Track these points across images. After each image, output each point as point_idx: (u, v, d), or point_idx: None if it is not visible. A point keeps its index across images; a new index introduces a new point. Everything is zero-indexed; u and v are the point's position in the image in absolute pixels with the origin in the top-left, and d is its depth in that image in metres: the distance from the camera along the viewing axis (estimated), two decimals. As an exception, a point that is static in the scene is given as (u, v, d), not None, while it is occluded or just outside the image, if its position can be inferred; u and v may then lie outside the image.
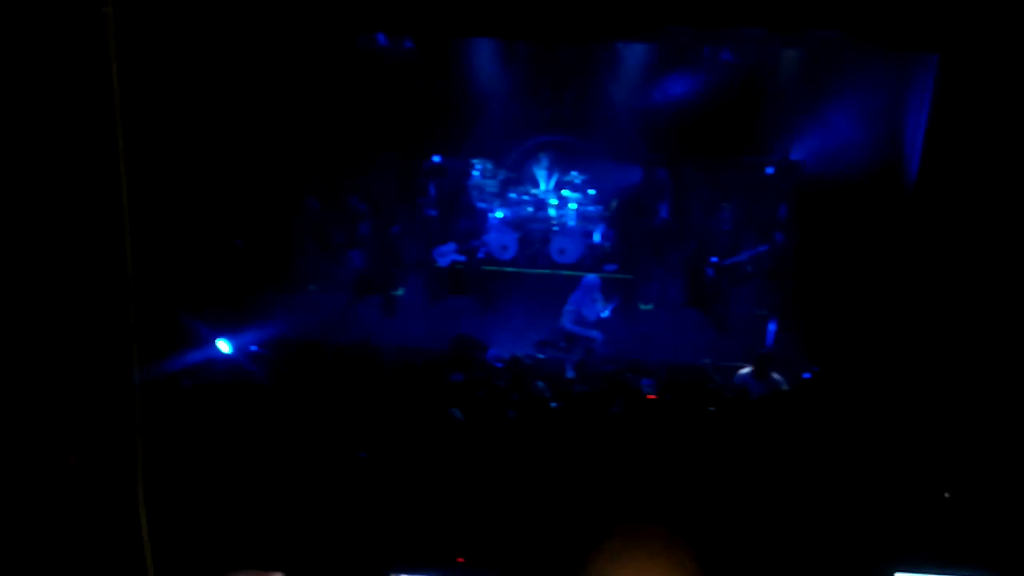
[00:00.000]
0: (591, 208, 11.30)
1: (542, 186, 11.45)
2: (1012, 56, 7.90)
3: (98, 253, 1.76)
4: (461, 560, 4.27)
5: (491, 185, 11.46)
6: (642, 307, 10.52)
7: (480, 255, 11.19)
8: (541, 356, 9.30)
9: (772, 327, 10.12)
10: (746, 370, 8.36)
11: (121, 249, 1.74)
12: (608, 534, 1.48)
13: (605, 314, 9.95)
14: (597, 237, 11.32)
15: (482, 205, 11.40)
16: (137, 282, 1.93)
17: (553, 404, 6.86)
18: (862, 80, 9.46)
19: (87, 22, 1.63)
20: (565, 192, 11.25)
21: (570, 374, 9.14)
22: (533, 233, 11.36)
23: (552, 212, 11.33)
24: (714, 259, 10.52)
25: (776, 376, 8.41)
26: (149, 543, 1.90)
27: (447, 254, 11.02)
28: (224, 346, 8.51)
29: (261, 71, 10.05)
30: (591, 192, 11.33)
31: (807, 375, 8.92)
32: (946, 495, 5.18)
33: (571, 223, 11.22)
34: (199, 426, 5.38)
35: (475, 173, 11.47)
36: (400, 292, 11.10)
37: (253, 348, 9.00)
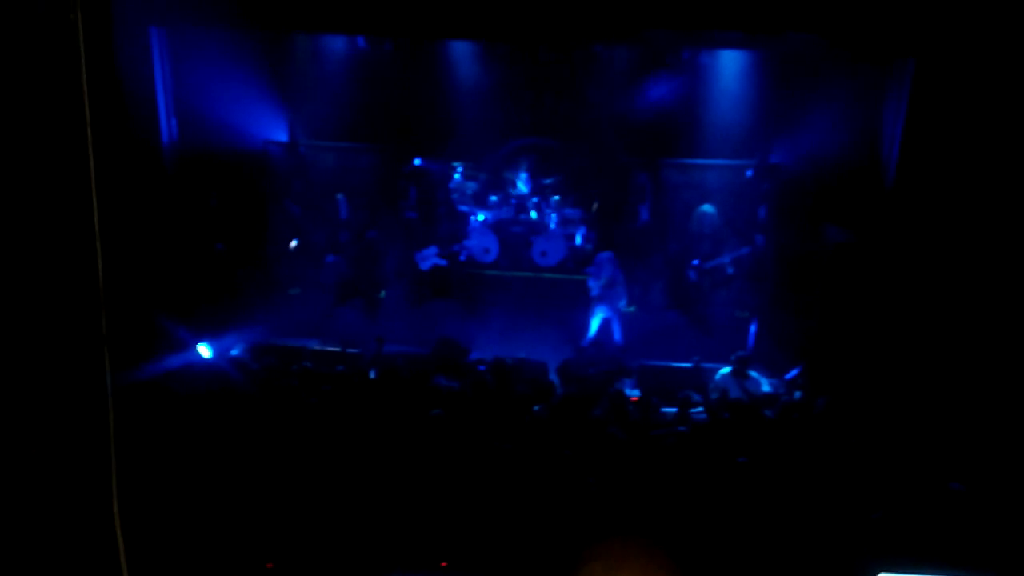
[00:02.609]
0: (572, 211, 11.31)
1: (523, 189, 11.45)
2: (987, 60, 7.99)
3: (69, 259, 1.74)
4: (444, 565, 4.26)
5: (472, 188, 11.45)
6: (624, 309, 10.53)
7: (462, 258, 11.18)
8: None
9: (753, 328, 10.17)
10: (726, 370, 8.41)
11: (92, 255, 1.73)
12: (591, 540, 1.47)
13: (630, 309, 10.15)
14: (578, 239, 11.33)
15: (463, 208, 11.39)
16: (112, 287, 1.91)
17: (536, 408, 6.86)
18: (840, 83, 9.54)
19: (57, 29, 1.62)
20: (546, 195, 11.26)
21: (552, 377, 9.14)
22: (514, 236, 11.35)
23: (533, 215, 11.34)
24: (695, 261, 10.56)
25: (755, 376, 8.46)
26: (124, 550, 1.89)
27: (429, 257, 11.01)
28: (205, 350, 8.47)
29: (239, 73, 10.02)
30: (572, 195, 11.34)
31: (790, 375, 8.98)
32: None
33: (552, 226, 11.23)
34: (179, 430, 5.35)
35: (456, 176, 11.46)
36: (383, 295, 11.07)
37: (234, 352, 8.97)
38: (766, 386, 8.55)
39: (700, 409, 7.23)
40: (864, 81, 9.56)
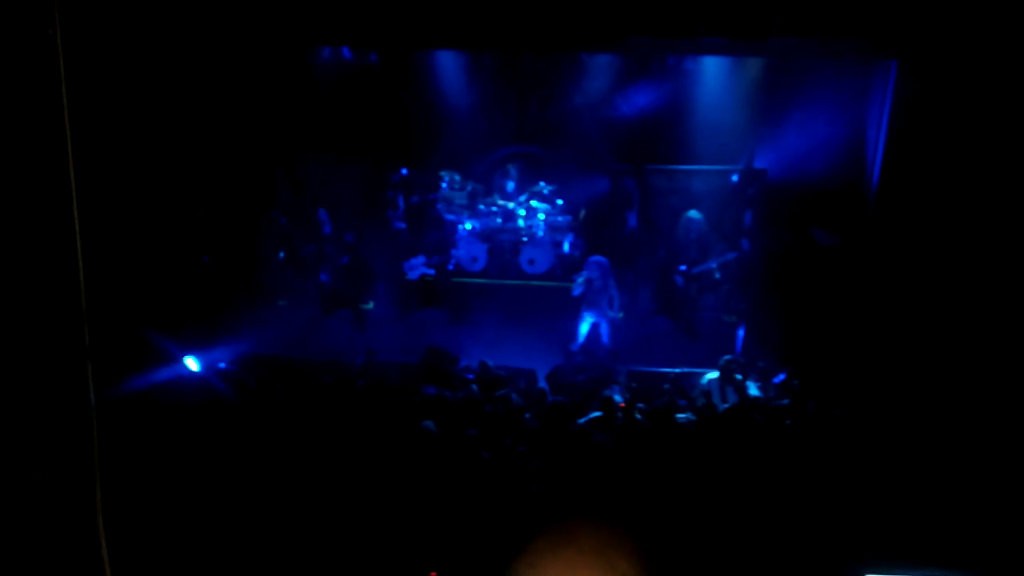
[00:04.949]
0: (560, 218, 11.34)
1: (510, 197, 11.47)
2: (970, 62, 8.05)
3: (49, 273, 1.74)
4: (434, 574, 4.25)
5: (459, 197, 11.46)
6: (613, 315, 10.56)
7: (450, 267, 11.18)
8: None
9: (740, 333, 10.21)
10: (713, 375, 8.42)
11: (74, 269, 1.73)
12: (580, 542, 1.46)
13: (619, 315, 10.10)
14: (566, 247, 11.35)
15: (451, 217, 11.40)
16: (97, 301, 1.91)
17: (527, 415, 6.86)
18: (823, 87, 9.60)
19: (35, 43, 1.62)
20: (533, 203, 11.28)
21: (542, 384, 9.13)
22: (502, 244, 11.37)
23: (521, 223, 11.35)
24: (683, 267, 10.59)
25: (743, 381, 8.47)
26: (108, 563, 1.88)
27: (417, 267, 11.00)
28: (192, 364, 8.43)
29: (225, 85, 10.00)
30: (559, 202, 11.37)
31: (777, 379, 9.00)
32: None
33: (540, 233, 11.25)
34: (166, 444, 5.32)
35: (443, 185, 11.47)
36: (370, 306, 11.06)
37: (222, 365, 8.93)
38: (754, 390, 8.56)
39: (688, 414, 7.24)
40: (848, 85, 9.64)
